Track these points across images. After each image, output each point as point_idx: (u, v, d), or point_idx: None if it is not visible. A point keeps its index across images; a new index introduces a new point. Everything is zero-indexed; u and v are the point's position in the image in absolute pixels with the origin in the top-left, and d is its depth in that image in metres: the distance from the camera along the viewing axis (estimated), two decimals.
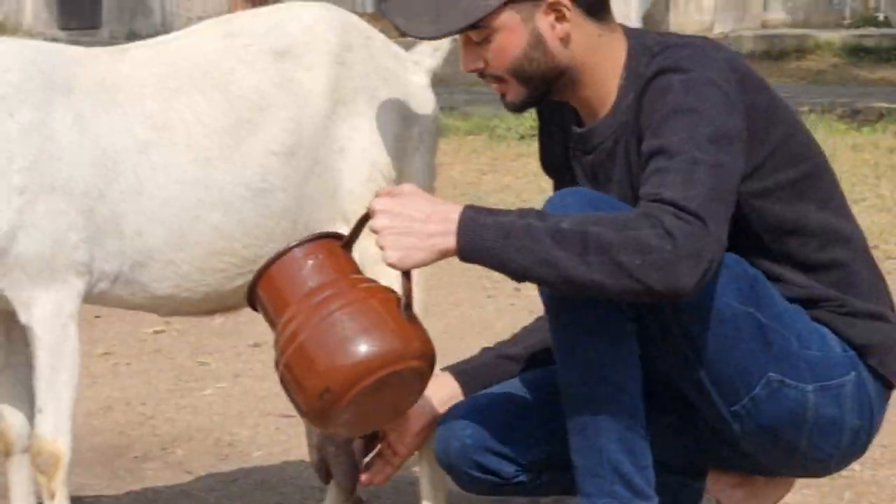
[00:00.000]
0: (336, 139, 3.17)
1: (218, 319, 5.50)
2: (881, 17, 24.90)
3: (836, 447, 2.78)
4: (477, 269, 3.34)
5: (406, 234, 2.50)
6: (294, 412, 3.01)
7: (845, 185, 5.97)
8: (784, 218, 2.74)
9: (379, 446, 2.99)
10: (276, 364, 2.69)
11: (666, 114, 2.59)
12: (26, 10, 22.19)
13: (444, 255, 2.50)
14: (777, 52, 21.99)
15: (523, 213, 2.51)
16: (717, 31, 23.73)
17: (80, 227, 2.94)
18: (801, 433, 2.73)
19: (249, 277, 2.97)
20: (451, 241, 2.44)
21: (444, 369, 3.05)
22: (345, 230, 2.94)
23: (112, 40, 18.33)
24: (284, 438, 4.48)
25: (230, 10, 20.05)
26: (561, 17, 2.69)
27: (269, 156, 3.09)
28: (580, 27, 2.73)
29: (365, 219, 2.62)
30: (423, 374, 2.70)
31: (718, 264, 2.49)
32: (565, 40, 2.71)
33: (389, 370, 2.57)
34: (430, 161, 3.35)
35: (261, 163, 3.10)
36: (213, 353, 5.73)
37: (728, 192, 2.57)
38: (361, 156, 3.17)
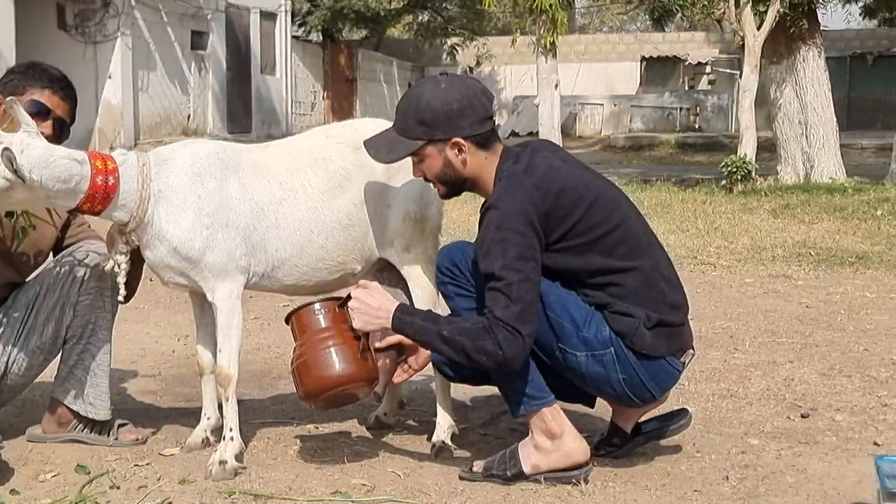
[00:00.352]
0: (386, 197, 3.86)
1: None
2: (696, 125, 33.00)
3: (622, 391, 3.44)
4: None
5: (365, 314, 3.43)
6: None
7: (677, 223, 10.40)
8: (577, 262, 3.40)
9: (401, 363, 3.62)
10: (291, 364, 3.61)
11: (488, 245, 3.29)
12: (209, 120, 24.33)
13: (383, 328, 3.42)
14: (637, 146, 28.85)
15: (427, 317, 3.38)
16: (603, 134, 31.69)
17: (242, 247, 3.63)
18: (586, 382, 3.47)
19: (339, 275, 3.92)
20: (387, 324, 3.38)
21: None
22: (391, 253, 3.89)
23: (258, 139, 20.44)
24: None
25: (326, 122, 27.14)
26: (461, 150, 3.42)
27: (350, 206, 3.80)
28: (473, 155, 3.45)
29: (349, 297, 3.49)
30: (366, 390, 3.55)
31: (546, 337, 3.33)
32: (465, 163, 3.45)
33: (345, 387, 3.50)
34: (440, 208, 4.01)
35: (346, 211, 3.80)
36: None
37: (533, 293, 3.27)
38: (399, 208, 3.85)
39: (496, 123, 3.55)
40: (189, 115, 24.29)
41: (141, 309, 6.12)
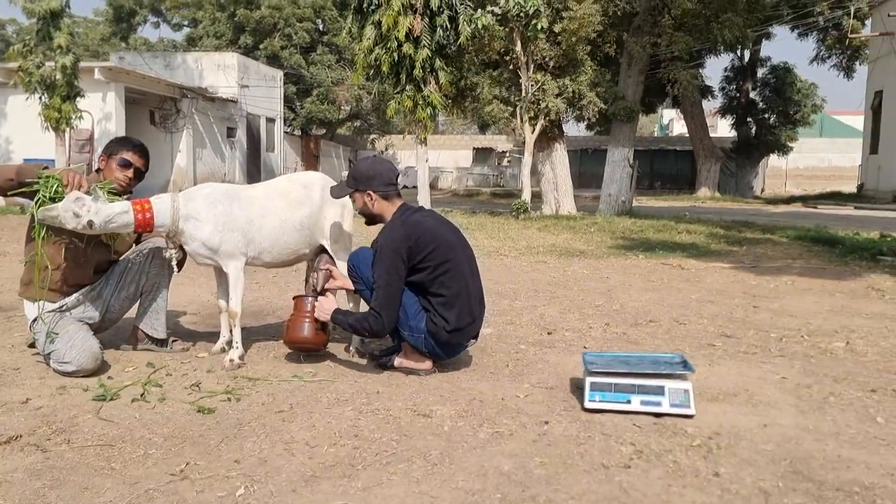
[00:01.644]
0: (324, 214, 3.68)
1: (294, 270, 4.66)
2: (501, 184, 33.09)
3: (426, 353, 3.32)
4: None
5: (321, 311, 3.36)
6: None
7: (489, 234, 11.13)
8: (423, 280, 3.24)
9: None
10: (285, 323, 3.59)
11: (375, 260, 3.21)
12: (236, 177, 23.75)
13: (327, 320, 3.36)
14: (470, 194, 28.88)
15: (346, 314, 3.31)
16: (453, 188, 31.51)
17: (242, 241, 3.44)
18: (414, 346, 3.31)
19: (295, 256, 3.70)
20: (328, 318, 3.33)
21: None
22: (326, 243, 3.71)
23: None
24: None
25: (301, 170, 27.52)
26: (371, 198, 3.32)
27: (302, 218, 3.61)
28: (379, 203, 3.33)
29: (318, 295, 3.48)
30: (320, 348, 3.53)
31: (402, 305, 3.20)
32: (374, 206, 3.33)
33: (304, 344, 3.49)
34: (351, 223, 3.83)
35: (300, 221, 3.60)
36: (292, 283, 4.69)
37: (393, 293, 3.17)
38: (329, 220, 3.69)
39: (397, 184, 3.44)
40: (225, 174, 23.96)
41: (192, 278, 5.96)
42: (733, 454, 2.39)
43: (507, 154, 36.97)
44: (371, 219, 3.44)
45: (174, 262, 3.50)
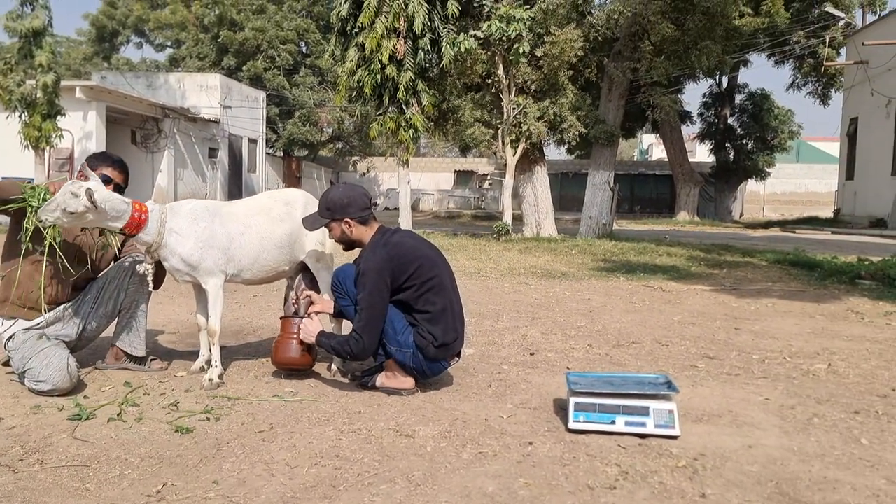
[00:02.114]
0: (305, 232, 3.64)
1: (274, 290, 5.03)
2: (482, 206, 33.14)
3: (411, 371, 3.29)
4: None
5: (306, 333, 3.36)
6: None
7: (471, 255, 10.40)
8: (409, 298, 3.23)
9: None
10: (273, 343, 3.56)
11: (358, 283, 3.21)
12: (217, 198, 23.55)
13: (312, 342, 3.37)
14: (451, 216, 29.00)
15: (329, 337, 3.29)
16: (434, 210, 31.62)
17: (223, 258, 3.41)
18: (395, 362, 3.27)
19: (275, 273, 3.66)
20: (313, 341, 3.33)
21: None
22: (307, 260, 3.71)
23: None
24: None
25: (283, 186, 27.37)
26: (349, 225, 3.27)
27: (283, 236, 3.59)
28: (357, 228, 3.29)
29: (304, 317, 3.47)
30: (306, 368, 3.53)
31: (385, 322, 3.17)
32: (353, 233, 3.30)
33: (291, 366, 3.52)
34: (333, 243, 3.66)
35: (280, 238, 3.58)
36: (272, 303, 4.87)
37: (376, 316, 3.15)
38: (312, 237, 3.68)
39: (374, 208, 3.44)
40: (206, 194, 23.82)
41: (170, 296, 5.86)
42: (719, 475, 2.37)
43: (489, 177, 37.15)
44: (349, 245, 3.41)
45: (149, 277, 3.43)
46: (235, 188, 26.26)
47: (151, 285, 3.53)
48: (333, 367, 3.68)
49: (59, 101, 14.98)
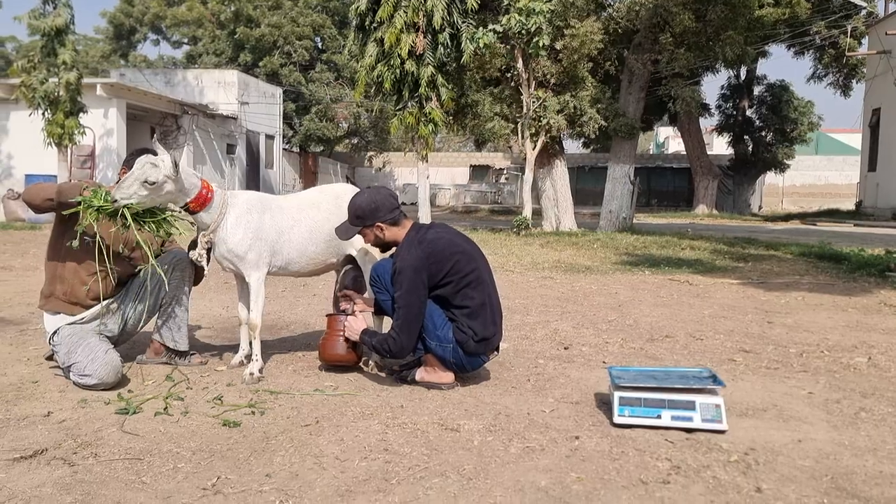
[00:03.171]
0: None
1: (302, 285, 5.10)
2: (499, 201, 33.04)
3: (451, 365, 3.28)
4: None
5: (351, 331, 3.40)
6: None
7: (492, 249, 10.33)
8: (447, 293, 3.21)
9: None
10: (320, 340, 3.61)
11: (395, 281, 3.19)
12: (234, 189, 24.07)
13: (356, 340, 3.39)
14: (469, 211, 28.99)
15: (371, 335, 3.30)
16: (451, 205, 31.44)
17: (268, 251, 3.45)
18: (435, 357, 3.27)
19: (322, 266, 3.71)
20: (358, 338, 3.36)
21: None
22: (353, 252, 3.73)
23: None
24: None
25: (299, 187, 27.20)
26: (381, 230, 3.29)
27: (331, 229, 3.60)
28: (389, 230, 3.30)
29: (349, 314, 3.48)
30: (353, 364, 3.56)
31: (423, 327, 3.18)
32: (386, 235, 3.31)
33: (339, 362, 3.55)
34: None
35: (329, 231, 3.60)
36: (301, 296, 5.04)
37: (414, 315, 3.15)
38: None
39: (400, 207, 3.40)
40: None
41: (201, 291, 5.91)
42: (773, 470, 2.35)
43: (505, 171, 37.03)
44: (385, 246, 3.42)
45: (204, 262, 3.45)
46: (253, 184, 26.36)
47: (206, 270, 3.56)
48: (371, 361, 3.68)
49: (81, 98, 15.08)
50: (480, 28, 13.79)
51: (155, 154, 3.44)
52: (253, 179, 26.61)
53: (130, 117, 19.47)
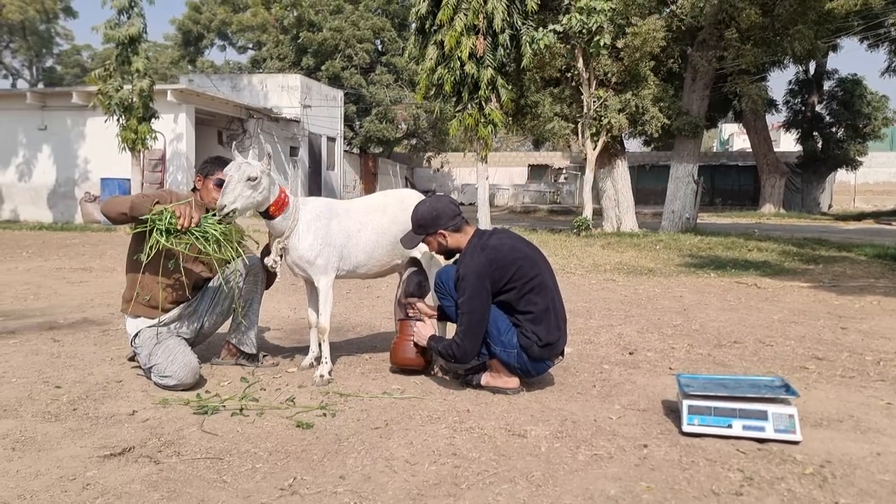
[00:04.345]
0: None
1: (366, 287, 6.63)
2: (558, 201, 32.93)
3: (515, 370, 3.29)
4: None
5: (419, 337, 3.48)
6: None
7: (552, 251, 10.54)
8: (511, 298, 3.22)
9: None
10: (392, 343, 3.71)
11: (458, 287, 3.21)
12: (297, 191, 23.56)
13: (424, 345, 3.44)
14: (527, 211, 29.05)
15: (437, 340, 3.36)
16: (509, 205, 31.48)
17: (336, 256, 3.52)
18: (500, 362, 3.29)
19: (388, 267, 3.79)
20: (426, 343, 3.41)
21: None
22: (417, 255, 3.77)
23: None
24: (390, 325, 4.28)
25: (360, 188, 27.78)
26: (444, 237, 3.35)
27: (397, 232, 3.65)
28: (452, 237, 3.35)
29: (417, 320, 3.57)
30: (421, 368, 3.60)
31: (487, 333, 3.20)
32: (449, 242, 3.35)
33: (409, 365, 3.61)
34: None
35: (395, 235, 3.66)
36: (366, 298, 6.43)
37: (477, 321, 3.17)
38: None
39: (461, 213, 3.43)
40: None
41: (270, 294, 6.06)
42: (850, 484, 2.29)
43: (564, 170, 36.71)
44: (449, 253, 3.46)
45: (277, 268, 3.55)
46: (315, 186, 26.83)
47: (278, 277, 3.67)
48: (436, 366, 3.73)
49: (152, 104, 15.63)
50: (540, 29, 13.72)
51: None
52: (315, 181, 27.09)
53: (199, 122, 20.07)
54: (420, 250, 3.80)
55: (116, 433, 2.75)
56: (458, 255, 3.43)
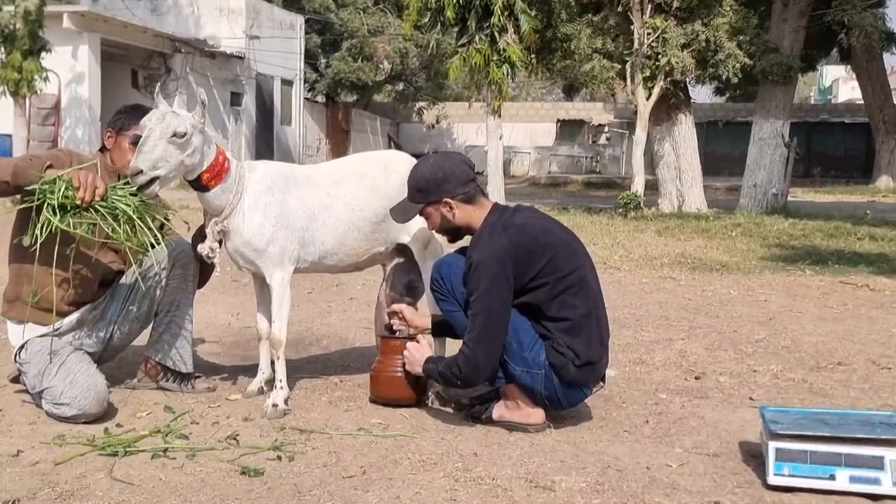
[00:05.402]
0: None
1: (335, 285, 6.76)
2: (597, 170, 33.26)
3: (541, 399, 3.29)
4: None
5: (412, 362, 3.45)
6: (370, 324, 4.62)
7: (589, 239, 9.33)
8: (541, 298, 3.24)
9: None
10: (371, 370, 3.74)
11: (468, 279, 3.24)
12: (241, 152, 23.60)
13: (419, 373, 3.45)
14: (555, 184, 29.14)
15: (436, 362, 3.35)
16: (530, 175, 31.99)
17: (295, 242, 3.56)
18: (520, 388, 3.29)
19: (367, 256, 3.84)
20: (420, 370, 3.40)
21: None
22: (411, 244, 3.84)
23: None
24: (369, 337, 4.92)
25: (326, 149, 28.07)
26: (451, 207, 3.33)
27: (380, 208, 3.70)
28: (461, 209, 3.34)
29: (409, 338, 3.59)
30: (412, 403, 3.61)
31: (505, 346, 3.22)
32: (456, 216, 3.35)
33: (400, 401, 3.60)
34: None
35: (376, 212, 3.71)
36: (334, 301, 6.28)
37: (495, 325, 3.20)
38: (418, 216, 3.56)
39: (476, 179, 3.45)
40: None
41: (203, 293, 5.97)
42: None
43: (606, 128, 36.73)
44: (455, 233, 3.48)
45: (215, 259, 3.55)
46: (265, 146, 26.81)
47: (218, 270, 3.68)
48: (431, 393, 3.73)
49: (42, 33, 15.56)
50: None
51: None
52: (265, 139, 27.08)
53: (106, 57, 20.01)
54: (410, 233, 3.81)
55: None
56: (468, 239, 3.45)
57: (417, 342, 3.55)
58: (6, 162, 3.31)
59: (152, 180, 3.23)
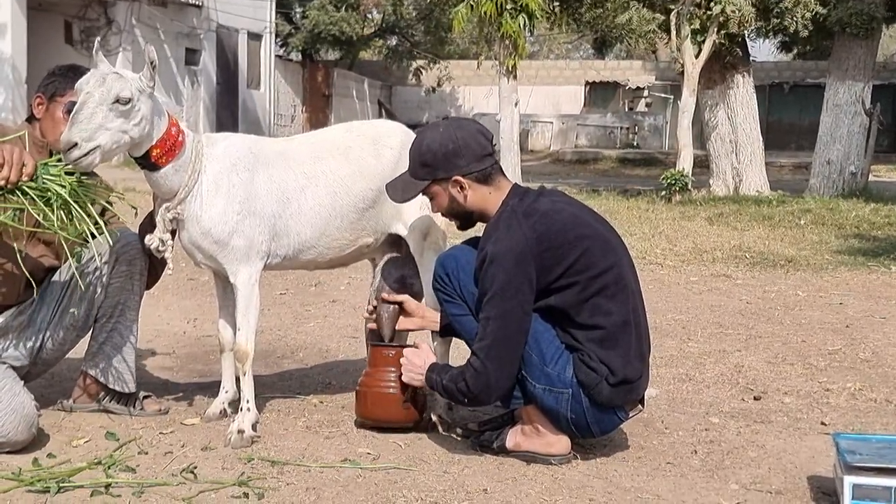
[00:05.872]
0: None
1: (314, 285, 6.86)
2: (635, 143, 33.19)
3: (566, 425, 3.30)
4: None
5: (410, 371, 3.45)
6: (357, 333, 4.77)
7: (625, 228, 9.60)
8: (569, 301, 3.25)
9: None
10: (358, 385, 3.76)
11: (482, 276, 3.25)
12: (199, 129, 23.27)
13: (420, 385, 3.45)
14: (583, 160, 29.17)
15: (441, 371, 3.35)
16: (552, 149, 31.98)
17: (266, 232, 3.61)
18: (541, 410, 3.32)
19: (351, 249, 3.90)
20: (422, 381, 3.39)
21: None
22: (400, 228, 3.88)
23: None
24: (355, 348, 4.99)
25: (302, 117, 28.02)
26: (462, 187, 3.35)
27: (367, 191, 3.76)
28: (475, 190, 3.36)
29: (405, 346, 3.64)
30: (408, 426, 3.64)
31: (523, 359, 3.25)
32: (468, 198, 3.36)
33: (395, 423, 3.63)
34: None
35: (363, 195, 3.76)
36: (312, 304, 6.31)
37: (512, 332, 3.23)
38: (414, 200, 3.65)
39: (494, 154, 3.45)
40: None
41: (153, 295, 5.97)
42: None
43: (646, 92, 36.63)
44: (466, 219, 3.49)
45: (167, 254, 3.55)
46: (228, 114, 26.76)
47: (170, 267, 3.65)
48: (433, 414, 3.74)
49: None
50: None
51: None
52: (227, 107, 27.02)
53: (33, 6, 19.96)
54: (405, 221, 3.81)
55: None
56: (479, 228, 3.46)
57: (417, 349, 3.55)
58: None
59: (92, 152, 3.21)
